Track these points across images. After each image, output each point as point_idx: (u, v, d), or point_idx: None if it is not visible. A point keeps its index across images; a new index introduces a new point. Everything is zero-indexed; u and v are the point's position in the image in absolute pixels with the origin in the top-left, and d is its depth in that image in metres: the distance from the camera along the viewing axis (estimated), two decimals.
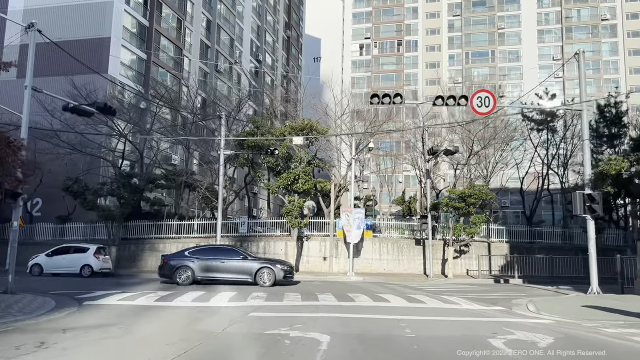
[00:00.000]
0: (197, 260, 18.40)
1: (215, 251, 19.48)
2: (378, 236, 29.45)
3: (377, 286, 20.12)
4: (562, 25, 74.77)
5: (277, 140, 24.57)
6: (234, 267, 18.44)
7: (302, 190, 24.65)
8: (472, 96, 16.72)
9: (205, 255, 18.78)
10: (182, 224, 28.78)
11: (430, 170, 26.83)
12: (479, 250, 29.56)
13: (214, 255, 18.75)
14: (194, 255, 18.69)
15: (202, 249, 19.64)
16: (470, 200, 25.25)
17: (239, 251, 19.72)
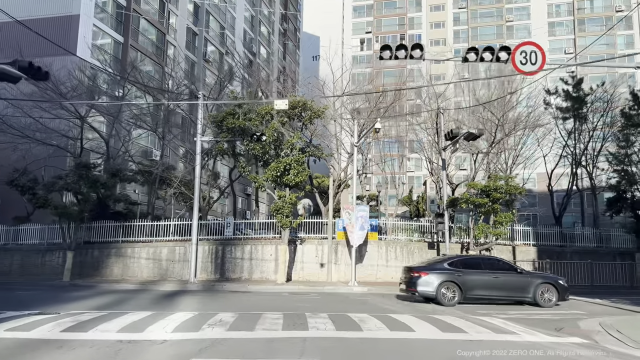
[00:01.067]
0: (463, 275, 14.65)
1: (479, 263, 15.79)
2: (384, 239, 25.24)
3: (386, 300, 15.91)
4: (574, 17, 70.94)
5: (263, 122, 20.42)
6: (510, 283, 14.88)
7: (295, 183, 20.46)
8: (515, 50, 12.60)
9: (469, 268, 15.08)
10: (155, 225, 24.57)
11: (446, 161, 22.63)
12: (503, 255, 25.17)
13: (481, 269, 15.18)
14: (456, 268, 14.90)
15: (462, 260, 15.78)
16: (496, 195, 21.04)
17: (507, 263, 16.23)
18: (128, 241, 24.33)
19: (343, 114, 26.01)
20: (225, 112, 20.65)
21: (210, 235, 24.52)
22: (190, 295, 16.46)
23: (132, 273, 23.77)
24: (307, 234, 24.46)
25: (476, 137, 19.60)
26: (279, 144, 20.63)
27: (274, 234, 23.98)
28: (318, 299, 16.07)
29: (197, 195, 21.32)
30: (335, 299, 16.37)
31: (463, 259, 16.20)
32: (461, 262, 15.38)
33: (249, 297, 15.92)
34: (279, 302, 14.85)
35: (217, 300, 15.11)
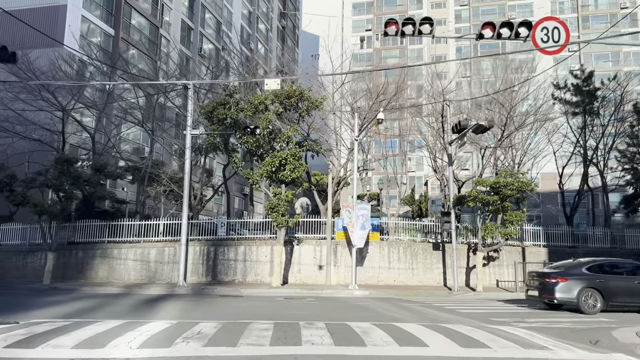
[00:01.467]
0: (605, 280, 13.73)
1: (618, 268, 14.67)
2: (386, 239, 23.84)
3: (391, 306, 14.51)
4: (578, 14, 69.68)
5: (256, 113, 18.98)
6: None
7: (291, 180, 19.07)
8: (536, 25, 11.23)
9: (608, 273, 14.14)
10: (144, 225, 23.16)
11: (452, 156, 21.25)
12: (511, 257, 23.95)
13: (621, 274, 14.27)
14: (595, 273, 13.95)
15: (600, 265, 14.53)
16: (506, 192, 19.65)
17: None
18: (114, 242, 22.93)
19: (342, 106, 24.59)
20: (216, 102, 19.20)
21: (202, 235, 23.12)
22: (175, 301, 15.05)
23: (119, 275, 22.37)
24: (304, 234, 23.07)
25: (486, 129, 18.23)
26: (274, 137, 19.22)
27: (270, 234, 22.59)
28: (315, 304, 14.68)
29: (187, 193, 19.92)
30: (334, 304, 14.98)
31: (600, 263, 14.77)
32: (599, 267, 14.29)
33: (239, 303, 14.51)
34: (272, 308, 13.46)
35: (203, 306, 13.71)
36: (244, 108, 18.94)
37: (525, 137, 25.66)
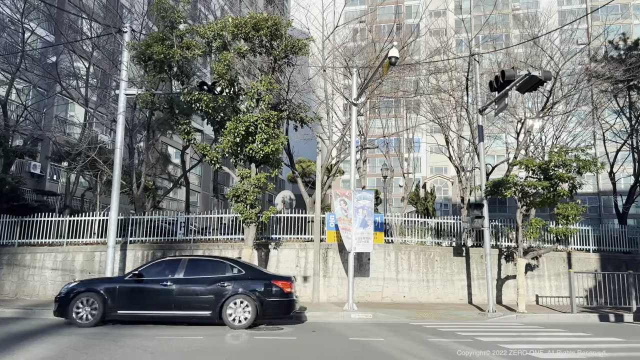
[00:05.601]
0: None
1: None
2: (391, 241, 18.24)
3: (411, 342, 8.86)
4: (587, 5, 65.17)
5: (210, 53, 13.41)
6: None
7: (263, 156, 13.44)
8: None
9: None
10: (71, 222, 17.33)
11: (483, 128, 15.68)
12: (554, 265, 18.48)
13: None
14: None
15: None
16: (563, 175, 14.17)
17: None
18: (28, 244, 17.10)
19: (335, 59, 19.01)
20: (151, 36, 13.46)
21: (154, 236, 17.36)
22: (64, 337, 9.29)
23: (31, 290, 16.52)
24: (285, 235, 17.41)
25: (539, 82, 12.78)
26: (238, 94, 13.60)
27: (241, 234, 16.89)
28: (291, 343, 8.99)
29: (118, 173, 14.18)
30: (323, 341, 9.32)
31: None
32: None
33: (161, 343, 8.78)
34: (211, 354, 7.78)
35: (95, 349, 7.97)
36: (192, 44, 13.30)
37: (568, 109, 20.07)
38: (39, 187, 24.26)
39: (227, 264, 11.23)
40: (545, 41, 20.34)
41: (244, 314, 10.52)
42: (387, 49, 13.04)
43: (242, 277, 10.89)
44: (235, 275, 10.94)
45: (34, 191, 20.26)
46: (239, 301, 10.54)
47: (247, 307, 10.52)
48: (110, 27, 15.46)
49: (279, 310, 10.89)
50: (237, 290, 10.63)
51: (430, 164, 63.70)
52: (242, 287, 10.68)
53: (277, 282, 10.93)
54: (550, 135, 23.08)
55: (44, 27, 19.78)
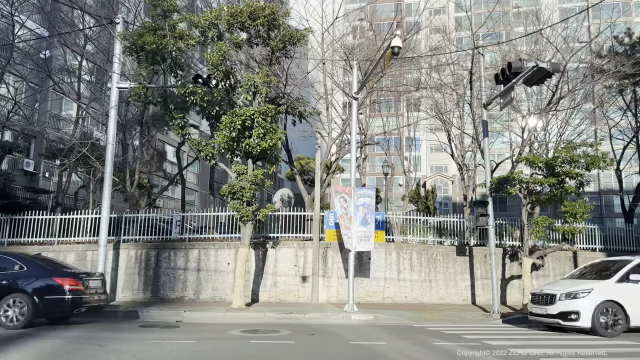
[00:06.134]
0: None
1: None
2: (392, 240, 17.75)
3: (415, 347, 8.36)
4: (588, 2, 64.51)
5: (205, 43, 12.88)
6: None
7: (260, 151, 12.92)
8: None
9: None
10: (63, 220, 16.80)
11: (488, 123, 15.16)
12: (559, 264, 18.00)
13: None
14: None
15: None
16: (571, 172, 13.69)
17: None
18: (18, 243, 16.56)
19: (335, 52, 18.48)
20: (143, 26, 12.87)
21: (149, 235, 16.83)
22: (48, 341, 8.78)
23: None
24: (283, 234, 16.91)
25: (547, 74, 12.28)
26: (234, 87, 13.07)
27: (237, 233, 16.37)
28: (288, 348, 8.48)
29: (109, 171, 13.68)
30: (323, 345, 8.82)
31: None
32: None
33: (150, 348, 8.27)
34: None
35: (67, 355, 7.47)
36: (185, 34, 12.76)
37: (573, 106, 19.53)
38: (33, 185, 23.74)
39: (10, 260, 10.72)
40: (550, 35, 19.83)
41: (18, 313, 10.01)
42: (390, 39, 12.51)
43: (23, 275, 10.39)
44: (16, 272, 10.43)
45: (26, 189, 19.74)
46: (14, 300, 10.05)
47: (22, 305, 10.02)
48: (101, 17, 14.93)
49: (58, 308, 10.37)
50: (15, 287, 10.17)
51: (430, 163, 63.25)
52: (19, 284, 10.22)
53: (59, 279, 10.38)
54: (554, 133, 22.64)
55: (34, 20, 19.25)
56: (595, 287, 10.78)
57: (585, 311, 10.35)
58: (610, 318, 10.33)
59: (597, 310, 10.32)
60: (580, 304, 10.49)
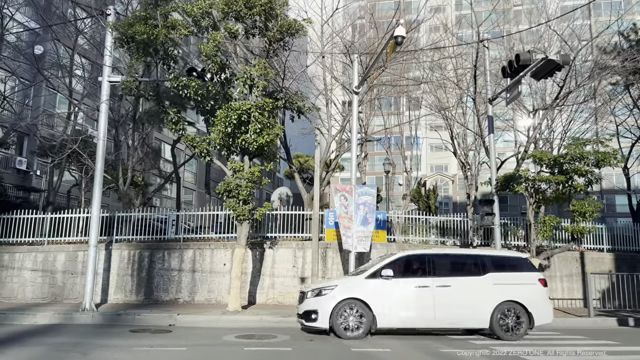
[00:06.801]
0: None
1: None
2: (393, 240, 17.22)
3: (418, 354, 7.82)
4: None
5: (199, 33, 12.33)
6: None
7: (257, 147, 12.39)
8: None
9: None
10: (53, 220, 16.26)
11: (493, 119, 14.65)
12: (566, 265, 17.46)
13: None
14: None
15: None
16: (582, 169, 13.17)
17: None
18: (6, 243, 16.01)
19: (334, 46, 17.94)
20: (134, 15, 12.31)
21: (143, 234, 16.28)
22: (26, 348, 8.23)
23: (9, 292, 15.44)
24: (281, 233, 16.38)
25: (556, 66, 11.75)
26: (230, 80, 12.52)
27: (233, 233, 15.82)
28: (286, 356, 7.94)
29: (100, 168, 13.11)
30: (323, 353, 8.27)
31: None
32: None
33: (137, 356, 7.73)
34: None
35: None
36: (178, 23, 12.21)
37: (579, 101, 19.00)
38: (25, 183, 23.21)
39: None
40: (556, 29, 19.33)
41: None
42: (392, 30, 11.96)
43: None
44: None
45: (17, 187, 19.19)
46: None
47: None
48: (92, 8, 14.38)
49: None
50: None
51: (430, 162, 62.74)
52: None
53: None
54: (558, 132, 22.14)
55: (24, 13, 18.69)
56: (340, 284, 9.88)
57: (324, 310, 9.34)
58: (351, 318, 9.29)
59: (337, 309, 9.30)
60: (321, 302, 9.48)
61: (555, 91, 19.53)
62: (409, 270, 9.98)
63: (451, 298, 9.55)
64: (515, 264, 10.27)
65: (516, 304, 9.61)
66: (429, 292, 9.50)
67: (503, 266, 10.14)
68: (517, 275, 10.00)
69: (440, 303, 9.47)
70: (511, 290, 9.75)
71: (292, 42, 13.42)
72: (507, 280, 9.88)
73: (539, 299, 9.92)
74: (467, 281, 9.82)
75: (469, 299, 9.63)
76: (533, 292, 9.87)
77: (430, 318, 9.48)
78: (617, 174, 33.77)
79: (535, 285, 9.95)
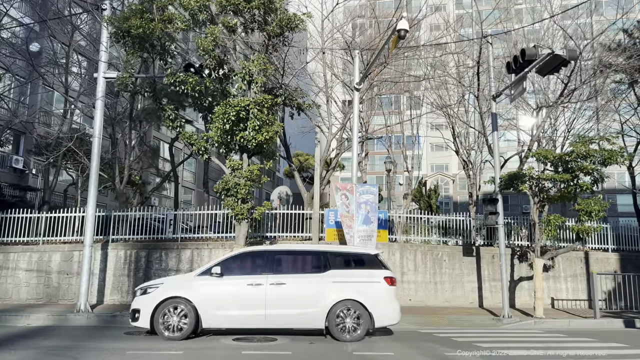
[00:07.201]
0: None
1: None
2: (400, 240, 16.94)
3: (423, 358, 7.54)
4: None
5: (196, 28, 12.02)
6: None
7: (256, 145, 12.12)
8: None
9: None
10: (49, 219, 15.98)
11: (497, 116, 14.36)
12: (571, 265, 17.21)
13: None
14: None
15: None
16: (588, 167, 12.87)
17: None
18: (0, 243, 15.73)
19: (335, 43, 17.63)
20: (129, 9, 12.00)
21: (140, 234, 16.00)
22: (16, 352, 7.94)
23: (3, 293, 15.15)
24: (281, 233, 16.11)
25: (563, 62, 11.46)
26: (227, 76, 12.22)
27: (232, 232, 15.52)
28: (285, 359, 7.65)
29: (96, 166, 12.82)
30: (323, 356, 7.98)
31: None
32: None
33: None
34: None
35: None
36: (174, 17, 11.91)
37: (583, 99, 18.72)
38: (22, 182, 22.91)
39: None
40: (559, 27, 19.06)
41: None
42: (395, 24, 11.68)
43: None
44: None
45: (13, 186, 18.88)
46: None
47: None
48: (87, 3, 14.09)
49: None
50: None
51: (430, 162, 62.42)
52: None
53: None
54: (561, 131, 21.88)
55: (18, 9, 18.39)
56: (166, 282, 9.50)
57: (146, 309, 8.92)
58: (174, 318, 8.85)
59: (161, 308, 8.84)
60: (145, 300, 9.07)
61: (558, 89, 19.27)
62: (245, 267, 9.53)
63: (285, 297, 9.02)
64: (362, 260, 9.66)
65: (356, 303, 9.01)
66: (261, 291, 9.00)
67: (349, 263, 9.64)
68: (361, 273, 9.42)
69: (273, 302, 8.97)
70: (352, 288, 9.15)
71: (292, 37, 13.16)
72: (349, 277, 9.32)
73: (383, 299, 9.27)
74: (304, 279, 9.28)
75: (305, 298, 9.09)
76: (376, 291, 9.23)
77: (261, 318, 9.00)
78: (618, 173, 33.43)
79: (380, 284, 9.28)
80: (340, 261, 9.54)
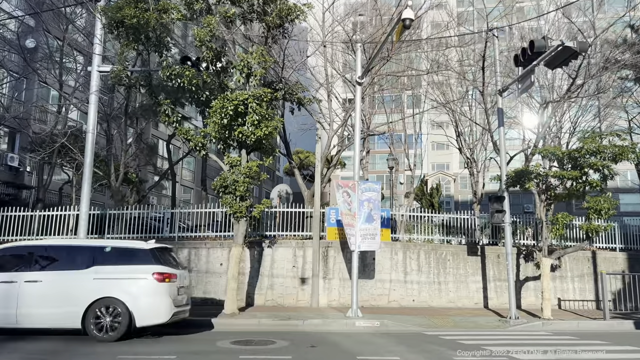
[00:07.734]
0: None
1: None
2: (398, 239, 16.52)
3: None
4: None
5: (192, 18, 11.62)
6: None
7: (255, 140, 11.69)
8: None
9: None
10: (39, 217, 15.58)
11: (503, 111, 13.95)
12: (578, 265, 16.80)
13: None
14: None
15: None
16: (598, 164, 12.46)
17: None
18: None
19: (336, 36, 17.23)
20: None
21: (136, 233, 15.60)
22: None
23: None
24: (280, 232, 15.70)
25: (573, 53, 11.05)
26: (225, 69, 11.80)
27: (231, 231, 15.10)
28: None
29: (90, 162, 12.41)
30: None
31: None
32: None
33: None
34: None
35: None
36: (169, 6, 11.47)
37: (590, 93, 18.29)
38: (17, 180, 22.51)
39: None
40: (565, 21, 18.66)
41: None
42: (398, 16, 11.26)
43: None
44: None
45: (7, 184, 18.48)
46: None
47: None
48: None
49: None
50: None
51: (431, 161, 61.95)
52: None
53: None
54: (566, 128, 21.49)
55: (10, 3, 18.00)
56: None
57: None
58: None
59: None
60: None
61: (563, 85, 18.87)
62: (3, 264, 8.92)
63: (40, 295, 8.50)
64: (134, 255, 9.07)
65: (117, 301, 8.52)
66: (14, 289, 8.48)
67: (117, 258, 9.01)
68: (128, 269, 8.84)
69: (26, 301, 8.45)
70: (114, 285, 8.63)
71: (292, 29, 12.74)
72: (112, 274, 8.74)
73: (147, 296, 8.73)
74: (62, 276, 8.71)
75: (61, 296, 8.55)
76: (140, 288, 8.71)
77: (12, 317, 8.45)
78: (622, 171, 33.04)
79: (146, 280, 8.71)
80: (108, 257, 8.99)
